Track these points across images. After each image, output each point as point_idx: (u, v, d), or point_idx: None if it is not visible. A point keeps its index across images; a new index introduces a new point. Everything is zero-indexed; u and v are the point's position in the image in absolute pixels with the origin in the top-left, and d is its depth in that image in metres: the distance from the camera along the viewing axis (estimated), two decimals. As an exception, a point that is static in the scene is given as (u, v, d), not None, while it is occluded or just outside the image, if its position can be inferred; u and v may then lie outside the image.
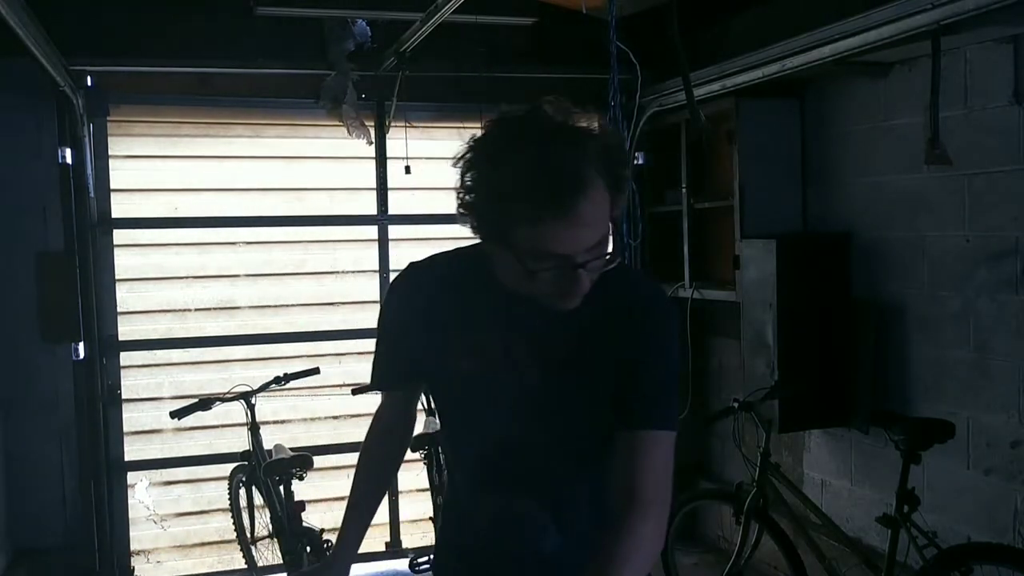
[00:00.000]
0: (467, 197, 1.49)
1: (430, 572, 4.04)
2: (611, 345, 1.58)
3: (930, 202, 3.96)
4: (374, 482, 1.91)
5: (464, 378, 1.65)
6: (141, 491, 4.70)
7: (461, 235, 4.93)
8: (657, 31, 4.16)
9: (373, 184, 4.91)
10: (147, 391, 4.71)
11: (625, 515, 1.49)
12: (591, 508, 1.67)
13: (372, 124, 4.81)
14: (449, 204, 5.18)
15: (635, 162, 4.96)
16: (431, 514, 4.17)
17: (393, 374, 1.83)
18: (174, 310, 4.72)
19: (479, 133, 1.49)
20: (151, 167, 4.66)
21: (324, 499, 4.88)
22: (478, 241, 1.63)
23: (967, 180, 3.77)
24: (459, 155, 1.49)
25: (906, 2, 3.15)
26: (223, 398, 4.18)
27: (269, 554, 4.42)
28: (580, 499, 1.68)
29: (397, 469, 1.99)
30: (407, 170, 4.77)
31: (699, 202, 4.75)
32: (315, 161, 4.87)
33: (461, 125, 4.92)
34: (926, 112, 3.32)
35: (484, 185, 1.44)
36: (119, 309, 4.60)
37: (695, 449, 5.30)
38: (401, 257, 4.96)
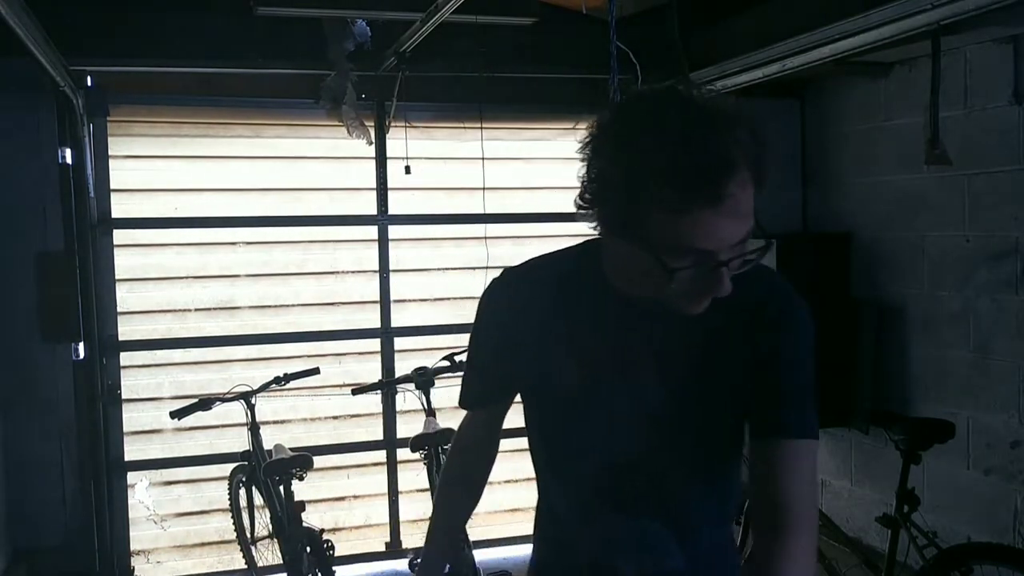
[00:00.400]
0: (593, 187, 1.31)
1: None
2: (742, 349, 1.44)
3: (930, 202, 3.97)
4: (467, 498, 1.80)
5: (574, 393, 1.50)
6: (141, 491, 4.70)
7: (461, 235, 4.92)
8: (657, 31, 4.16)
9: (373, 184, 4.90)
10: (147, 391, 4.70)
11: (775, 537, 1.37)
12: (714, 524, 1.58)
13: (372, 124, 4.81)
14: (449, 203, 5.17)
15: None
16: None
17: (490, 392, 1.67)
18: (174, 310, 4.72)
19: (606, 116, 1.33)
20: (151, 167, 4.65)
21: (324, 499, 4.89)
22: (579, 242, 1.52)
23: (967, 180, 3.77)
24: (585, 141, 1.33)
25: (906, 2, 3.15)
26: (223, 398, 4.18)
27: (269, 554, 4.42)
28: (703, 515, 1.56)
29: (485, 484, 1.82)
30: (407, 170, 4.76)
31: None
32: (315, 161, 4.87)
33: (461, 125, 4.93)
34: (926, 112, 3.32)
35: (619, 170, 1.27)
36: (119, 309, 4.60)
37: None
38: (401, 257, 4.96)
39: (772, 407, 1.43)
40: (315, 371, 4.40)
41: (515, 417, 1.64)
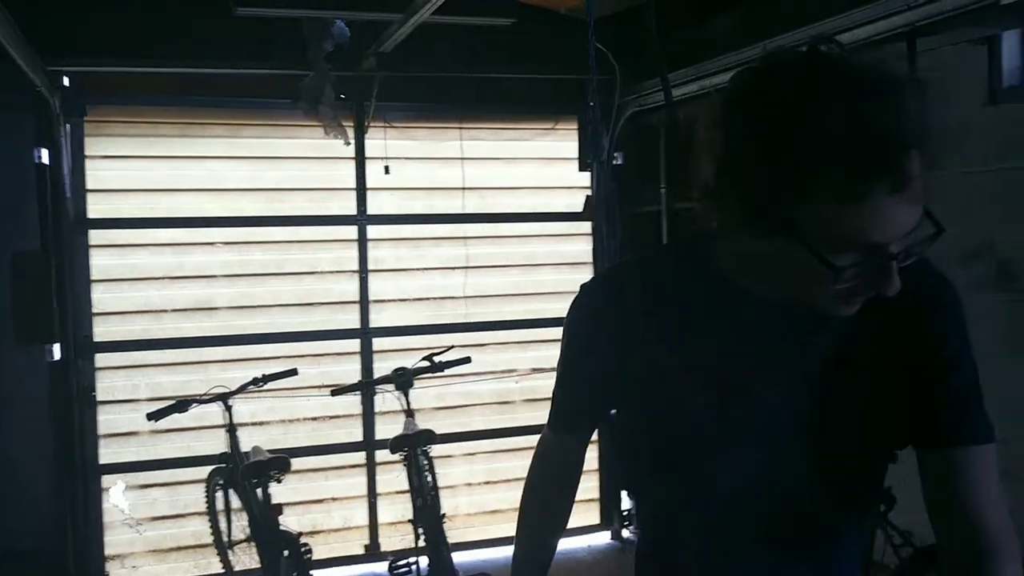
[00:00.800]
0: (724, 175, 1.10)
1: None
2: (899, 349, 1.24)
3: (906, 203, 3.98)
4: (554, 527, 1.54)
5: (695, 415, 1.28)
6: (117, 494, 4.65)
7: (440, 235, 4.90)
8: (636, 31, 4.17)
9: (352, 184, 4.89)
10: (123, 393, 4.66)
11: (977, 568, 1.20)
12: (858, 557, 1.38)
13: (351, 124, 4.79)
14: (428, 203, 5.13)
15: (614, 162, 4.98)
16: (410, 516, 4.14)
17: (583, 416, 1.46)
18: (151, 311, 4.68)
19: (735, 89, 1.10)
20: (128, 167, 4.62)
21: (302, 502, 4.86)
22: (680, 239, 1.36)
23: (943, 180, 3.80)
24: (713, 120, 1.11)
25: (882, 4, 3.17)
26: (201, 400, 4.15)
27: (246, 558, 4.39)
28: (850, 549, 1.36)
29: (571, 512, 1.57)
30: (386, 170, 4.76)
31: (678, 202, 4.77)
32: (294, 161, 4.85)
33: (440, 125, 4.93)
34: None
35: (765, 156, 1.04)
36: (95, 310, 4.56)
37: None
38: (380, 257, 4.95)
39: (947, 411, 1.24)
40: (293, 372, 4.37)
41: (495, 417, 1.60)
